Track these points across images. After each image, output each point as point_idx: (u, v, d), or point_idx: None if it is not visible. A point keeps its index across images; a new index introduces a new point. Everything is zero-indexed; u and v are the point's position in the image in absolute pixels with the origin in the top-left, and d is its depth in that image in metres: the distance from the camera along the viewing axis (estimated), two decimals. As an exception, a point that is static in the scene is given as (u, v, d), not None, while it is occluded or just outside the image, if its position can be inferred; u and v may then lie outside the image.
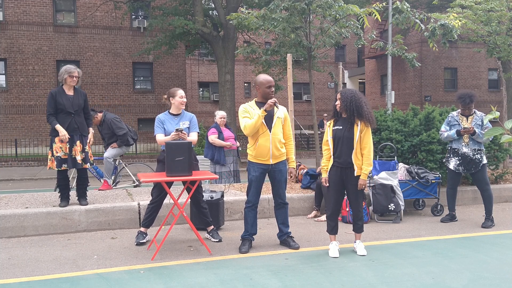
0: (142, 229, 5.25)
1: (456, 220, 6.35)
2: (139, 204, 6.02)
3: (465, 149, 6.04)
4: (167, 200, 5.45)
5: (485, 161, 6.07)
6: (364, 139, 4.68)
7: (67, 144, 5.73)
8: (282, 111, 4.98)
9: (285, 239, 5.10)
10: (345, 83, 30.31)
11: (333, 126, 4.83)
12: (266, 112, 4.74)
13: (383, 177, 6.31)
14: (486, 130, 5.75)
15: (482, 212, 6.31)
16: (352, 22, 8.78)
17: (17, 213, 5.54)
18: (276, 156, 4.90)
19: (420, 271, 4.24)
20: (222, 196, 6.00)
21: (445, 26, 9.01)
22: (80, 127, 5.82)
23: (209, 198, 5.75)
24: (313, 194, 6.71)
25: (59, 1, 20.45)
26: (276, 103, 4.79)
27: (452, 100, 14.78)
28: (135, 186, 8.11)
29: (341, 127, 4.75)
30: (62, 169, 5.76)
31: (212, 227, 5.43)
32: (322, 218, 6.31)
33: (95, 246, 5.12)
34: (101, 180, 8.03)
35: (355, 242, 4.91)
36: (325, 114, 23.46)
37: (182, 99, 5.17)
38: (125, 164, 8.27)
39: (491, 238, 5.47)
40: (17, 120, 19.64)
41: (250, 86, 30.73)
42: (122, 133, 7.70)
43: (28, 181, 13.33)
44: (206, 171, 6.13)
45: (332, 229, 4.86)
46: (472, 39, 16.31)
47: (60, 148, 5.71)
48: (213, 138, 7.80)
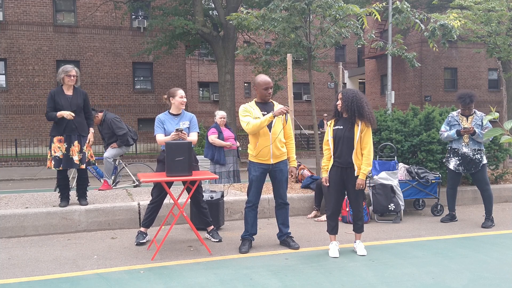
0: (142, 229, 5.25)
1: (456, 220, 6.35)
2: (139, 204, 6.02)
3: (465, 149, 6.04)
4: (167, 200, 5.46)
5: (485, 161, 6.07)
6: (364, 139, 4.68)
7: (65, 144, 5.73)
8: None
9: (284, 239, 5.10)
10: (345, 83, 30.31)
11: (334, 126, 4.83)
12: (275, 117, 4.74)
13: (383, 177, 6.31)
14: (485, 131, 5.76)
15: (482, 212, 6.31)
16: (352, 22, 8.77)
17: (17, 213, 5.55)
18: (276, 156, 4.90)
19: (420, 271, 4.24)
20: (222, 196, 6.00)
21: (444, 26, 9.01)
22: (79, 127, 5.81)
23: (209, 198, 5.75)
24: (313, 194, 6.71)
25: (59, 1, 20.45)
26: (288, 113, 4.78)
27: (452, 100, 14.78)
28: (135, 186, 8.11)
29: (341, 127, 4.75)
30: (60, 169, 5.76)
31: (212, 227, 5.44)
32: (322, 218, 6.31)
33: (95, 246, 5.12)
34: (101, 180, 8.03)
35: (355, 242, 4.91)
36: (325, 114, 23.46)
37: (182, 99, 5.17)
38: (125, 164, 8.27)
39: (491, 238, 5.47)
40: (17, 120, 19.64)
41: (250, 86, 30.73)
42: (122, 133, 7.71)
43: (28, 181, 13.33)
44: (206, 171, 6.13)
45: (333, 229, 4.86)
46: (472, 40, 16.31)
47: (58, 148, 5.71)
48: (213, 138, 7.81)
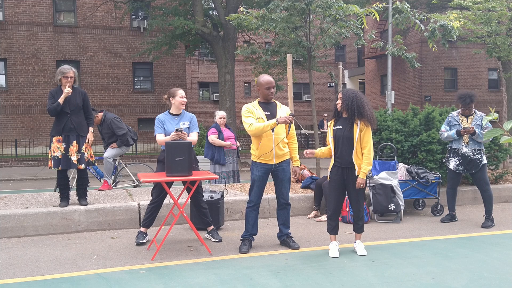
0: (142, 229, 5.25)
1: (456, 220, 6.35)
2: (139, 204, 6.02)
3: (465, 149, 6.04)
4: (167, 200, 5.46)
5: (485, 161, 6.07)
6: (364, 138, 4.68)
7: (63, 144, 5.73)
8: (284, 111, 4.98)
9: (285, 239, 5.10)
10: (345, 83, 30.32)
11: (334, 126, 4.84)
12: (278, 124, 4.73)
13: (383, 177, 6.31)
14: (485, 131, 5.75)
15: (482, 212, 6.31)
16: (352, 22, 8.77)
17: (17, 213, 5.54)
18: (279, 156, 4.91)
19: (420, 271, 4.24)
20: (222, 196, 6.00)
21: (444, 26, 9.01)
22: (77, 127, 5.80)
23: (209, 198, 5.75)
24: (313, 194, 6.71)
25: (59, 1, 20.45)
26: (292, 122, 4.77)
27: (452, 100, 14.78)
28: (135, 186, 8.11)
29: (341, 127, 4.76)
30: (59, 169, 5.76)
31: (212, 227, 5.44)
32: (322, 218, 6.32)
33: (95, 246, 5.12)
34: (101, 180, 8.03)
35: (355, 242, 4.91)
36: (325, 114, 23.46)
37: (182, 99, 5.17)
38: (125, 164, 8.27)
39: (491, 238, 5.47)
40: (17, 120, 19.63)
41: (250, 86, 30.73)
42: (121, 133, 7.71)
43: (28, 181, 13.33)
44: (206, 171, 6.13)
45: (333, 229, 4.86)
46: (471, 40, 16.31)
47: (57, 148, 5.71)
48: (213, 138, 7.81)
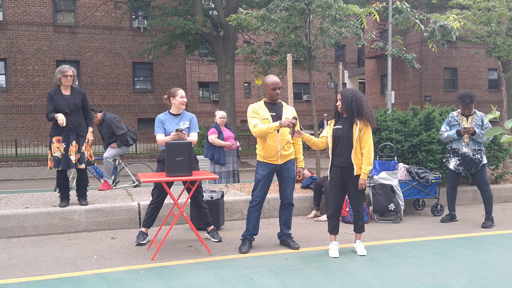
0: (143, 229, 5.25)
1: (456, 220, 6.35)
2: (139, 204, 6.02)
3: (465, 149, 6.04)
4: (167, 200, 5.45)
5: (485, 161, 6.07)
6: (363, 138, 4.68)
7: (63, 144, 5.73)
8: (290, 112, 4.99)
9: (285, 239, 5.11)
10: (345, 83, 30.31)
11: (334, 126, 4.84)
12: (281, 126, 4.74)
13: (383, 177, 6.31)
14: (486, 130, 5.75)
15: (482, 212, 6.31)
16: (351, 22, 8.77)
17: (17, 213, 5.54)
18: (284, 156, 4.94)
19: (420, 271, 4.24)
20: (222, 196, 6.00)
21: (444, 27, 9.01)
22: (77, 127, 5.80)
23: (209, 198, 5.75)
24: (313, 194, 6.71)
25: (59, 1, 20.45)
26: (295, 125, 4.76)
27: (452, 100, 14.79)
28: (135, 186, 8.11)
29: (341, 127, 4.76)
30: (59, 169, 5.76)
31: (212, 227, 5.44)
32: (322, 218, 6.31)
33: (95, 246, 5.12)
34: (101, 180, 8.03)
35: (355, 242, 4.91)
36: (325, 114, 23.46)
37: (182, 99, 5.17)
38: (125, 164, 8.27)
39: (491, 238, 5.47)
40: (17, 120, 19.63)
41: (250, 86, 30.69)
42: (121, 133, 7.70)
43: (28, 181, 13.33)
44: (206, 171, 6.13)
45: (333, 229, 4.86)
46: (471, 40, 16.31)
47: (57, 148, 5.71)
48: (213, 138, 7.81)
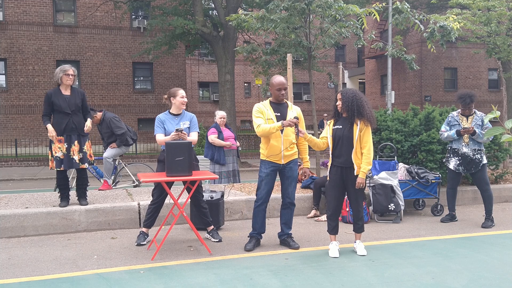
0: (144, 229, 5.25)
1: (456, 220, 6.35)
2: (139, 204, 6.02)
3: (465, 149, 6.04)
4: (167, 200, 5.45)
5: (485, 161, 6.07)
6: (364, 138, 4.68)
7: (65, 144, 5.73)
8: (295, 112, 5.00)
9: (285, 239, 5.11)
10: (345, 83, 30.28)
11: (333, 126, 4.83)
12: (283, 127, 4.75)
13: (383, 177, 6.31)
14: (486, 130, 5.75)
15: (482, 212, 6.31)
16: (351, 22, 8.77)
17: (17, 213, 5.54)
18: (287, 156, 4.96)
19: (420, 271, 4.24)
20: (222, 196, 6.00)
21: (444, 27, 9.02)
22: (78, 127, 5.81)
23: (209, 198, 5.75)
24: (312, 193, 6.70)
25: (59, 1, 20.45)
26: (297, 125, 4.75)
27: (452, 100, 14.78)
28: (135, 186, 8.11)
29: (341, 127, 4.76)
30: (61, 169, 5.76)
31: (212, 227, 5.44)
32: (322, 218, 6.31)
33: (95, 246, 5.12)
34: (101, 180, 8.03)
35: (355, 242, 4.90)
36: (325, 114, 23.45)
37: (183, 99, 5.18)
38: (125, 164, 8.27)
39: (491, 238, 5.47)
40: (17, 120, 19.63)
41: (250, 86, 30.70)
42: (120, 132, 7.70)
43: (28, 181, 13.33)
44: (206, 171, 6.13)
45: (333, 229, 4.86)
46: (471, 40, 16.31)
47: (58, 148, 5.71)
48: (213, 138, 7.81)
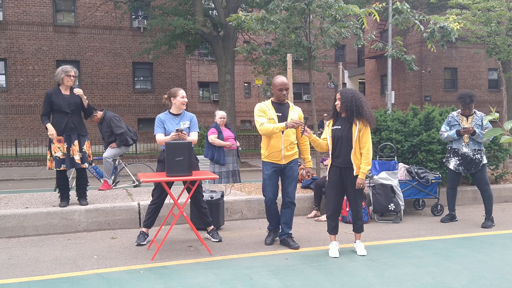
0: (144, 229, 5.25)
1: (456, 220, 6.35)
2: (139, 204, 6.02)
3: (465, 149, 6.04)
4: (167, 200, 5.46)
5: (485, 161, 6.07)
6: (362, 138, 4.68)
7: (65, 144, 5.73)
8: (296, 113, 5.04)
9: (284, 239, 5.11)
10: (345, 83, 30.28)
11: (332, 126, 4.84)
12: (287, 128, 4.78)
13: (383, 177, 6.31)
14: (486, 131, 5.76)
15: (482, 212, 6.31)
16: (351, 23, 8.78)
17: (17, 213, 5.54)
18: (287, 156, 5.01)
19: (420, 271, 4.24)
20: (222, 196, 6.00)
21: (444, 28, 9.02)
22: (78, 126, 5.82)
23: (209, 198, 5.75)
24: (313, 194, 6.70)
25: (59, 1, 20.45)
26: (300, 125, 4.78)
27: (452, 100, 14.78)
28: (135, 186, 8.11)
29: (340, 127, 4.76)
30: (61, 169, 5.76)
31: (212, 227, 5.44)
32: (322, 218, 6.31)
33: (95, 246, 5.12)
34: (101, 180, 8.03)
35: (355, 242, 4.90)
36: (325, 114, 23.44)
37: (183, 99, 5.18)
38: (125, 164, 8.27)
39: (491, 238, 5.47)
40: (17, 120, 19.63)
41: (250, 86, 30.71)
42: (120, 132, 7.70)
43: (28, 181, 13.32)
44: (206, 171, 6.13)
45: (333, 229, 4.86)
46: (471, 40, 16.31)
47: (58, 148, 5.71)
48: (212, 138, 7.81)
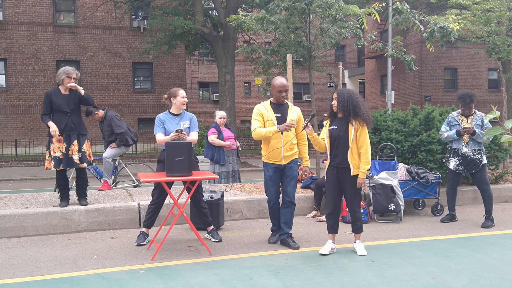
0: (144, 229, 5.25)
1: (456, 220, 6.35)
2: (139, 204, 6.02)
3: (465, 149, 6.04)
4: (167, 200, 5.46)
5: (485, 161, 6.07)
6: (360, 138, 4.68)
7: (64, 143, 5.73)
8: (295, 113, 5.05)
9: (284, 239, 5.11)
10: (345, 83, 30.28)
11: (329, 126, 4.84)
12: (279, 131, 4.83)
13: (383, 177, 6.31)
14: (486, 130, 5.75)
15: (482, 212, 6.31)
16: (351, 23, 8.78)
17: (17, 213, 5.54)
18: (287, 157, 5.03)
19: (420, 271, 4.24)
20: (222, 196, 6.00)
21: (444, 28, 9.03)
22: (77, 126, 5.83)
23: (209, 198, 5.75)
24: (313, 194, 6.70)
25: (59, 1, 20.45)
26: (294, 127, 4.87)
27: (452, 100, 14.78)
28: (135, 186, 8.11)
29: (336, 127, 4.76)
30: (60, 169, 5.76)
31: (212, 227, 5.44)
32: (323, 218, 6.31)
33: (95, 246, 5.12)
34: (101, 180, 8.03)
35: (355, 242, 4.90)
36: (325, 114, 23.28)
37: (183, 99, 5.18)
38: (125, 164, 8.27)
39: (491, 238, 5.47)
40: (17, 120, 19.63)
41: (250, 86, 30.70)
42: (119, 131, 7.69)
43: (28, 181, 13.32)
44: (206, 171, 6.13)
45: (331, 228, 4.86)
46: (471, 40, 16.31)
47: (57, 148, 5.71)
48: (212, 138, 7.81)
